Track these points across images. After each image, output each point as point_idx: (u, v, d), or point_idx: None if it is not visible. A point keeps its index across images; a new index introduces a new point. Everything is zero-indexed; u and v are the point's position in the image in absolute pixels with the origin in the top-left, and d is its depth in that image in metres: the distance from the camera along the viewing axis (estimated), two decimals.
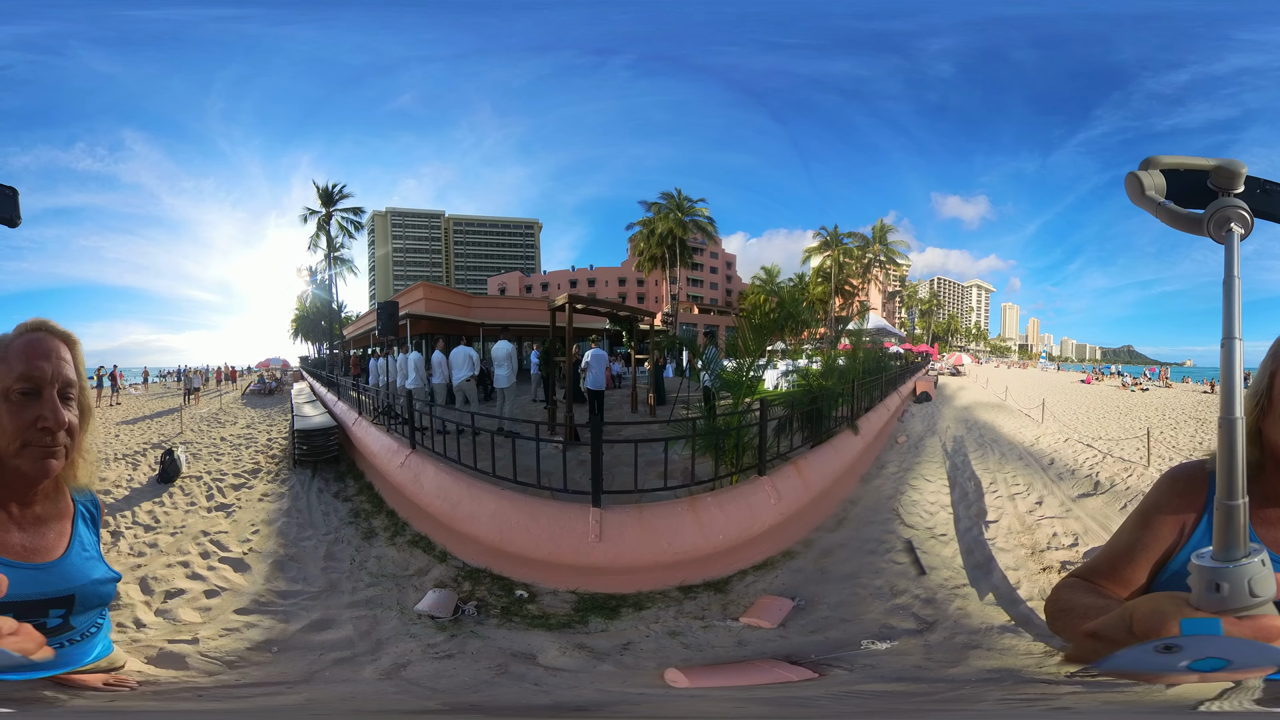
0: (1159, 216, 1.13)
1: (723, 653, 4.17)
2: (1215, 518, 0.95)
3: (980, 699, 1.89)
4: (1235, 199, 1.05)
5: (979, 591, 5.03)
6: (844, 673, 3.59)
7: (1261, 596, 0.91)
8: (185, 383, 23.78)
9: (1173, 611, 0.94)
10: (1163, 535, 1.50)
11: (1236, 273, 0.99)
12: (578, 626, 4.58)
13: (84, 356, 1.61)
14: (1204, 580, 0.93)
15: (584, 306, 10.74)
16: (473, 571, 5.44)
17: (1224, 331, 0.98)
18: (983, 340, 51.16)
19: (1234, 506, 0.94)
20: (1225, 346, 0.98)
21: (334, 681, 3.59)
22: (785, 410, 7.59)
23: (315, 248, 32.51)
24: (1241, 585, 0.90)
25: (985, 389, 24.92)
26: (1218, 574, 0.92)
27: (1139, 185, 1.17)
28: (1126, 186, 1.19)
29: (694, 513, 5.56)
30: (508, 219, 39.33)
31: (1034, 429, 13.99)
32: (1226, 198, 1.06)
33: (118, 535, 6.59)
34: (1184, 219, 1.10)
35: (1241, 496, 0.94)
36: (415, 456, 7.22)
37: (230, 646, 4.21)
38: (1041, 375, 37.99)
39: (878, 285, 34.40)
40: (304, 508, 7.70)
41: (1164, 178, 1.18)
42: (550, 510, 5.51)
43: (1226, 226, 1.02)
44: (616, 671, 3.91)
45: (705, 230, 28.00)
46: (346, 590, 5.29)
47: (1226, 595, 0.90)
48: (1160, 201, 1.14)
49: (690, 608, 4.90)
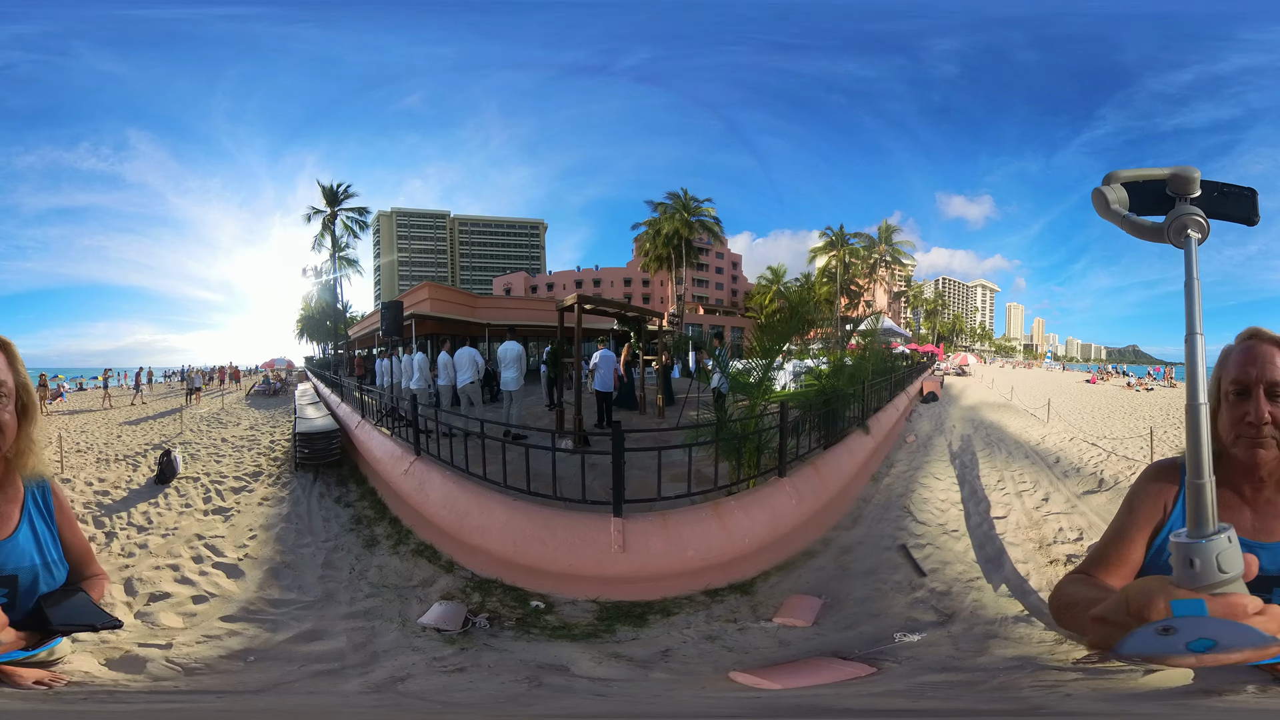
0: (1124, 228, 1.21)
1: (769, 653, 4.12)
2: (1187, 496, 1.05)
3: (1016, 686, 2.06)
4: (1191, 206, 1.15)
5: (993, 584, 5.13)
6: (895, 665, 3.61)
7: (1229, 573, 0.98)
8: (187, 382, 23.73)
9: (1159, 590, 1.01)
10: (1149, 516, 1.72)
11: (1196, 275, 1.09)
12: (605, 636, 4.42)
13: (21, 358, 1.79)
14: (1180, 556, 1.00)
15: (593, 307, 10.54)
16: (483, 582, 5.22)
17: (1187, 328, 1.08)
18: (988, 340, 51.03)
19: (1201, 485, 1.03)
20: (1189, 341, 1.08)
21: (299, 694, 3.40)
22: (800, 411, 7.56)
23: (320, 247, 32.48)
24: (1211, 561, 0.97)
25: (991, 389, 24.84)
26: (1190, 549, 0.99)
27: (1104, 200, 1.24)
28: (1093, 202, 1.26)
29: (718, 517, 5.45)
30: (513, 219, 39.33)
31: (1040, 428, 13.99)
32: (1184, 205, 1.16)
33: (111, 536, 6.47)
34: (1146, 229, 1.18)
35: (1208, 476, 1.03)
36: (420, 463, 6.99)
37: (203, 654, 3.99)
38: (1047, 375, 37.92)
39: (883, 285, 34.33)
40: (304, 513, 7.51)
41: (1126, 191, 1.26)
42: (567, 521, 5.28)
43: (1184, 233, 1.13)
44: (673, 678, 3.82)
45: (711, 230, 27.91)
46: (344, 600, 5.08)
47: (1199, 571, 0.98)
48: (1124, 214, 1.21)
49: (719, 611, 4.81)
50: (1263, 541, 1.56)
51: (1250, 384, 1.52)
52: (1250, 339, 1.57)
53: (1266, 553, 1.48)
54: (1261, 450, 1.52)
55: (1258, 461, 1.55)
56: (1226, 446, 1.58)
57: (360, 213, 32.12)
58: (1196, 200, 1.20)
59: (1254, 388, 1.52)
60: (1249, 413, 1.52)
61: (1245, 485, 1.61)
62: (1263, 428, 1.51)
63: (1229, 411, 1.57)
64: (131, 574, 5.40)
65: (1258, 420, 1.51)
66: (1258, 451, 1.53)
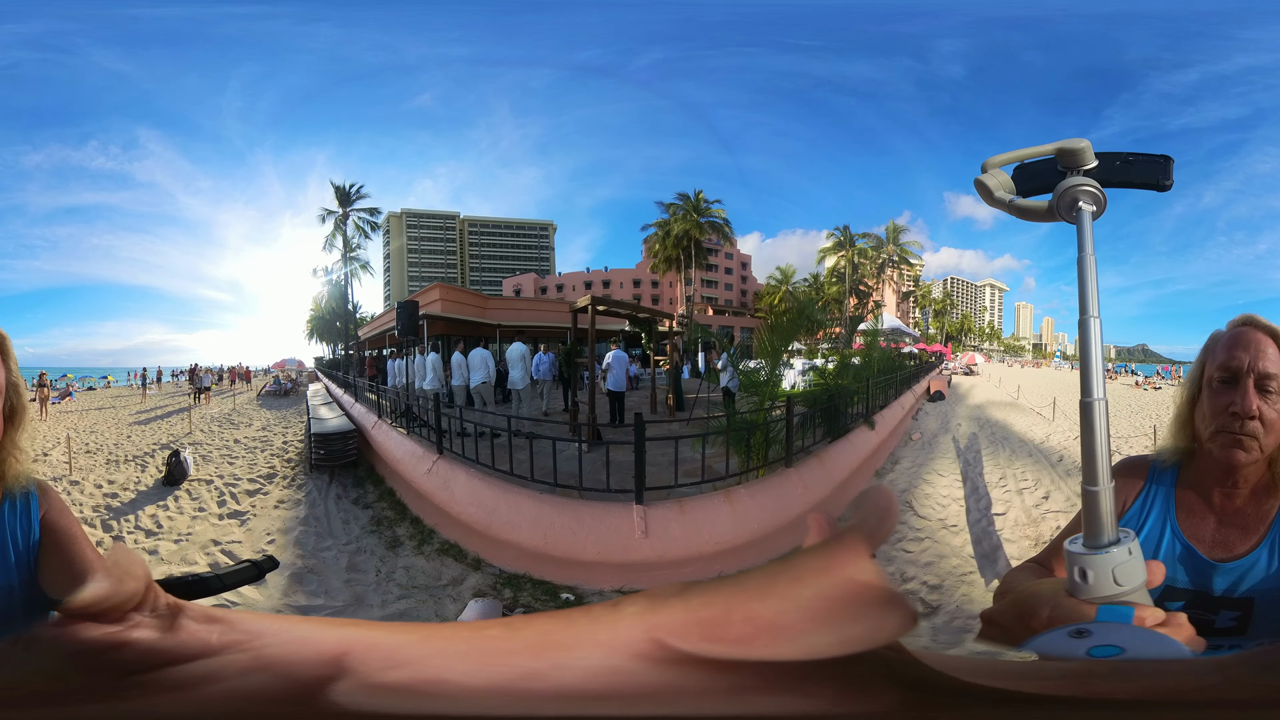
0: (1013, 214, 1.12)
1: None
2: (1082, 503, 0.94)
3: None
4: (1082, 178, 1.04)
5: (985, 579, 5.27)
6: None
7: (1125, 586, 0.89)
8: (195, 381, 23.73)
9: (1048, 598, 0.92)
10: None
11: (1090, 250, 0.99)
12: None
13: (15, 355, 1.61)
14: (1072, 566, 0.91)
15: (606, 308, 10.71)
16: (512, 578, 5.34)
17: (1080, 310, 0.97)
18: (996, 339, 50.80)
19: (1095, 492, 0.91)
20: (1082, 326, 0.96)
21: None
22: (806, 407, 7.73)
23: (331, 248, 32.66)
24: (1106, 573, 0.89)
25: (998, 388, 24.83)
26: (1083, 561, 0.90)
27: (986, 189, 1.14)
28: (978, 191, 1.16)
29: (730, 504, 5.74)
30: (522, 220, 39.39)
31: (1045, 427, 14.06)
32: (1074, 177, 1.05)
33: (119, 541, 6.23)
34: (1034, 211, 1.08)
35: (1105, 483, 0.92)
36: (443, 462, 7.09)
37: None
38: (1055, 374, 37.74)
39: (892, 285, 34.30)
40: (322, 515, 7.44)
41: (1010, 176, 1.16)
42: (593, 511, 5.56)
43: (1075, 206, 1.02)
44: None
45: (721, 231, 27.92)
46: (375, 604, 5.07)
47: (1092, 583, 0.89)
48: (1009, 200, 1.12)
49: None
50: (1219, 559, 1.42)
51: (1239, 371, 1.35)
52: (1244, 325, 1.40)
53: (1220, 574, 1.40)
54: (1240, 451, 1.34)
55: (1234, 463, 1.36)
56: (1202, 442, 1.42)
57: (371, 213, 32.24)
58: (1091, 172, 1.08)
59: (1243, 376, 1.34)
60: (1234, 402, 1.34)
61: (1215, 490, 1.45)
62: (1247, 422, 1.33)
63: (1211, 401, 1.39)
64: None
65: (1243, 412, 1.33)
66: (1236, 452, 1.35)
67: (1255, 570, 1.39)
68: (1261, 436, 1.34)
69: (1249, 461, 1.36)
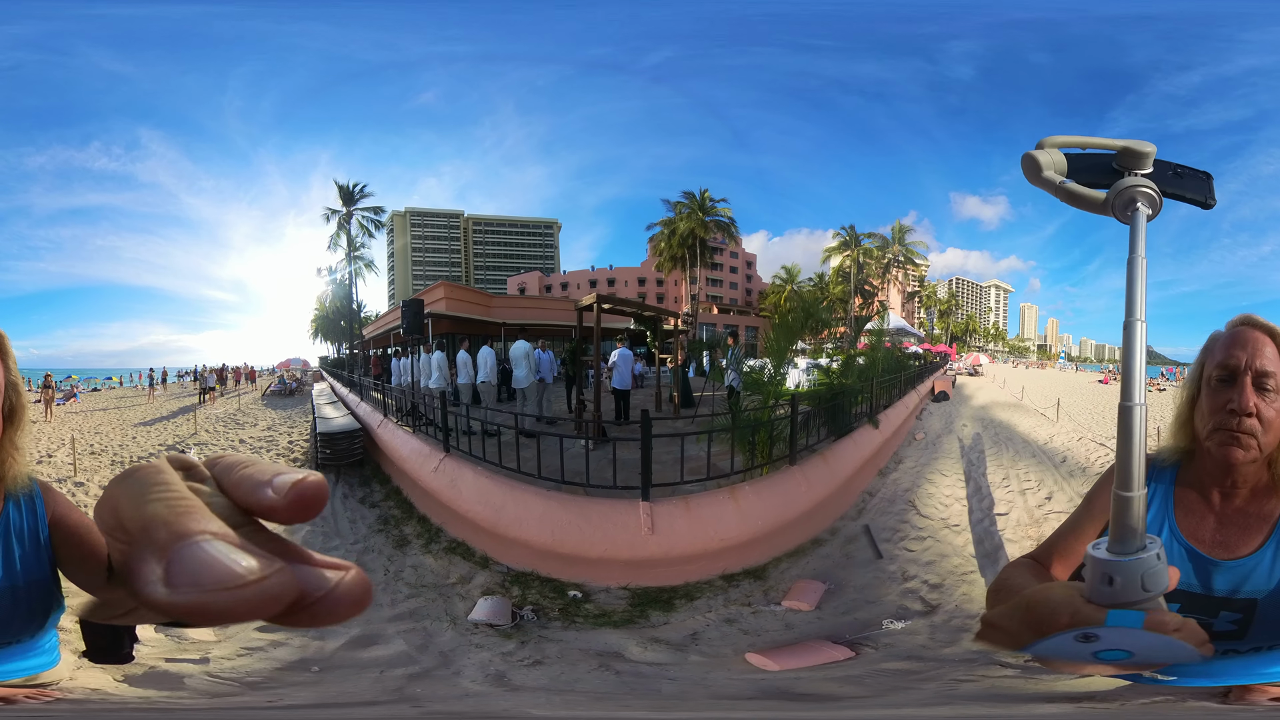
0: (1059, 196, 1.09)
1: (776, 636, 4.42)
2: (1112, 509, 0.90)
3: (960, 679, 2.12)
4: (1143, 179, 1.02)
5: (985, 578, 5.30)
6: (872, 651, 3.87)
7: (1152, 591, 0.87)
8: (200, 382, 23.80)
9: (1065, 603, 0.90)
10: (1105, 513, 1.49)
11: (1141, 253, 0.96)
12: (641, 621, 4.65)
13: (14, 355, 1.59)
14: (1097, 572, 0.89)
15: (611, 306, 10.73)
16: (520, 576, 5.36)
17: (1126, 313, 0.94)
18: (1001, 340, 50.74)
19: (1129, 498, 0.88)
20: (1127, 329, 0.93)
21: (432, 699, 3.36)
22: (810, 406, 7.79)
23: (335, 247, 32.69)
24: (1134, 580, 0.87)
25: (1003, 389, 24.78)
26: (1111, 567, 0.88)
27: (1035, 165, 1.11)
28: (1023, 167, 1.13)
29: (735, 501, 5.80)
30: (527, 219, 39.37)
31: (1049, 427, 13.98)
32: (1133, 177, 1.03)
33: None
34: (1086, 199, 1.06)
35: (1139, 488, 0.89)
36: (450, 460, 7.09)
37: (254, 667, 3.80)
38: (1060, 375, 37.66)
39: (897, 285, 34.21)
40: (329, 515, 7.40)
41: (1064, 158, 1.13)
42: (601, 508, 5.61)
43: (1132, 206, 1.00)
44: (706, 660, 4.04)
45: (727, 230, 27.96)
46: (385, 603, 5.07)
47: (1118, 589, 0.87)
48: (1060, 181, 1.09)
49: (736, 595, 5.11)
50: (1219, 558, 1.42)
51: (1237, 369, 1.37)
52: (1242, 324, 1.42)
53: (1222, 572, 1.41)
54: (1239, 449, 1.36)
55: (1233, 461, 1.37)
56: (1201, 440, 1.44)
57: (376, 212, 32.34)
58: (1148, 176, 1.06)
59: (1241, 374, 1.36)
60: (1232, 400, 1.35)
61: (1214, 490, 1.46)
62: (1245, 419, 1.34)
63: (1210, 399, 1.41)
64: None
65: (1241, 408, 1.34)
66: (1234, 450, 1.36)
67: (1259, 571, 1.39)
68: (1259, 434, 1.35)
69: (1246, 460, 1.37)
